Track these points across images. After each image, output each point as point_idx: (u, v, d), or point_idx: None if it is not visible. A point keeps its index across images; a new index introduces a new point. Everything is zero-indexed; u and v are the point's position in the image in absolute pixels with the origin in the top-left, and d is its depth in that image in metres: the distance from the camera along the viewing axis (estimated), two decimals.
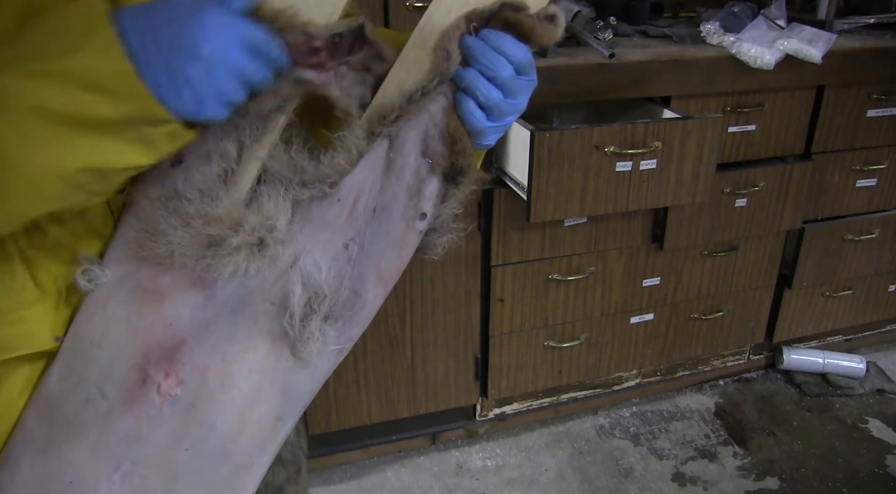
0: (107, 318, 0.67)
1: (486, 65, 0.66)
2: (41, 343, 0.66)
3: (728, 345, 2.13)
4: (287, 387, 0.71)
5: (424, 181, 0.71)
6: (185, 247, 0.65)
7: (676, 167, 1.57)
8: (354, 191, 0.70)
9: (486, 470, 1.90)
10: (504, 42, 0.66)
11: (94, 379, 0.66)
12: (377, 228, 0.71)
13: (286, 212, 0.68)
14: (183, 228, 0.64)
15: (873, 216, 2.08)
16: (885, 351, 2.40)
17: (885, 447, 1.99)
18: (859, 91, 1.88)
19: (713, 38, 1.74)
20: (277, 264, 0.68)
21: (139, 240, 0.66)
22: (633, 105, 1.76)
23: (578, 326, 1.88)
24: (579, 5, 1.78)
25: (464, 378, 1.86)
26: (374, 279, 0.72)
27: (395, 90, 0.70)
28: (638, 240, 1.83)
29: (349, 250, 0.70)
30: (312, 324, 0.68)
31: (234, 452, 0.70)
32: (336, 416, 1.78)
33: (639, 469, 1.90)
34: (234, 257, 0.66)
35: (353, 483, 1.85)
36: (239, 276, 0.67)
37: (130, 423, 0.67)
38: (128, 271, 0.67)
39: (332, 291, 0.70)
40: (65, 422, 0.67)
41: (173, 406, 0.67)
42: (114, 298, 0.67)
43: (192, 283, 0.67)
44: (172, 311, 0.67)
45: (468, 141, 0.69)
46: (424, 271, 1.70)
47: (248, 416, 0.70)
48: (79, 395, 0.67)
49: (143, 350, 0.67)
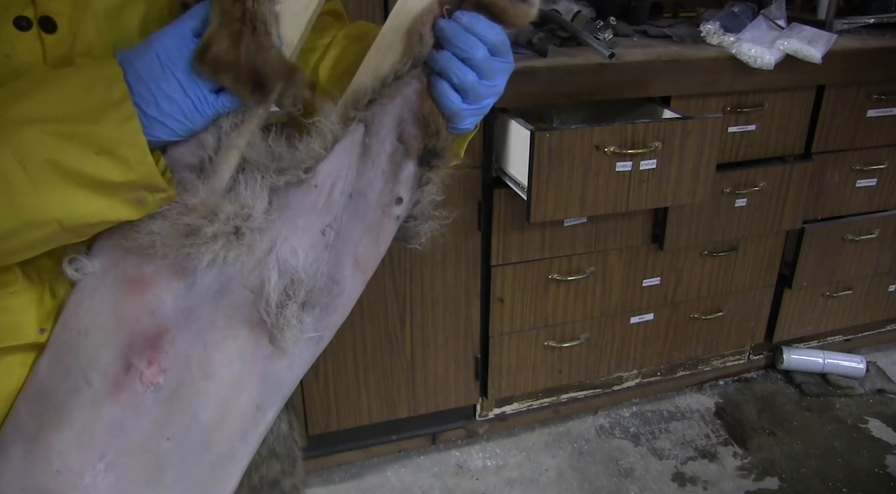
0: (94, 307, 0.68)
1: (459, 46, 0.66)
2: (27, 334, 0.67)
3: (728, 345, 2.13)
4: (266, 376, 0.71)
5: (400, 165, 0.71)
6: (165, 237, 0.65)
7: (676, 167, 1.57)
8: (331, 177, 0.70)
9: (486, 470, 1.90)
10: (477, 22, 0.66)
11: (80, 367, 0.67)
12: (354, 214, 0.71)
13: (263, 200, 0.69)
14: (161, 218, 0.65)
15: (873, 216, 2.08)
16: (885, 351, 2.40)
17: (885, 447, 1.99)
18: (859, 91, 1.88)
19: (713, 38, 1.74)
20: (255, 252, 0.69)
21: (123, 231, 0.67)
22: (633, 105, 1.76)
23: (578, 326, 1.88)
24: (579, 5, 1.78)
25: (464, 378, 1.86)
26: (351, 265, 0.72)
27: (369, 75, 0.70)
28: (638, 240, 1.83)
29: (326, 236, 0.71)
30: (289, 311, 0.68)
31: (216, 442, 0.71)
32: (336, 416, 1.78)
33: (639, 469, 1.90)
34: (212, 246, 0.66)
35: (353, 483, 1.85)
36: (218, 264, 0.68)
37: (115, 411, 0.67)
38: (113, 261, 0.68)
39: (308, 277, 0.70)
40: (53, 411, 0.67)
41: (156, 394, 0.68)
42: (100, 288, 0.68)
43: (174, 272, 0.68)
44: (155, 300, 0.68)
45: (442, 122, 0.69)
46: (424, 271, 1.70)
47: (229, 406, 0.70)
48: (66, 384, 0.67)
49: (127, 338, 0.68)
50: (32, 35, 0.62)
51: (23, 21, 0.62)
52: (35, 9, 0.62)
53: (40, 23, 0.62)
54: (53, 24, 0.63)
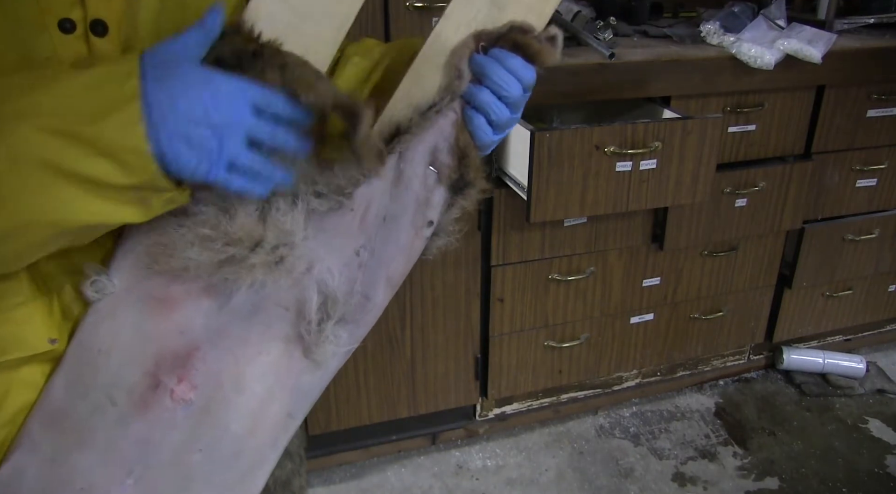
0: (115, 327, 0.66)
1: (499, 84, 0.69)
2: (35, 345, 0.65)
3: (728, 345, 2.13)
4: (298, 387, 0.72)
5: (432, 191, 0.73)
6: (202, 264, 0.64)
7: (676, 167, 1.57)
8: (366, 201, 0.71)
9: (486, 470, 1.90)
10: (516, 63, 0.69)
11: (102, 386, 0.66)
12: (387, 236, 0.73)
13: (301, 225, 0.68)
14: (200, 246, 0.64)
15: (873, 216, 2.08)
16: (885, 351, 2.40)
17: (885, 447, 1.99)
18: (859, 91, 1.88)
19: (713, 38, 1.74)
20: (293, 273, 0.69)
21: (152, 254, 0.65)
22: (633, 105, 1.76)
23: (578, 326, 1.88)
24: (579, 5, 1.78)
25: (464, 378, 1.86)
26: (383, 283, 0.74)
27: (405, 104, 0.71)
28: (638, 240, 1.83)
29: (360, 256, 0.72)
30: (327, 328, 0.70)
31: (246, 451, 0.71)
32: (336, 416, 1.78)
33: (639, 469, 1.90)
34: (253, 273, 0.65)
35: (353, 483, 1.85)
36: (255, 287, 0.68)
37: (143, 428, 0.67)
38: (136, 280, 0.67)
39: (344, 296, 0.71)
40: (73, 431, 0.66)
41: (187, 410, 0.67)
42: (122, 307, 0.66)
43: (204, 292, 0.67)
44: (184, 319, 0.67)
45: (477, 155, 0.72)
46: (424, 271, 1.70)
47: (260, 416, 0.71)
48: (87, 403, 0.66)
49: (154, 357, 0.66)
50: (77, 38, 0.61)
51: (67, 23, 0.61)
52: (84, 11, 0.61)
53: (91, 25, 0.61)
54: (105, 27, 0.62)
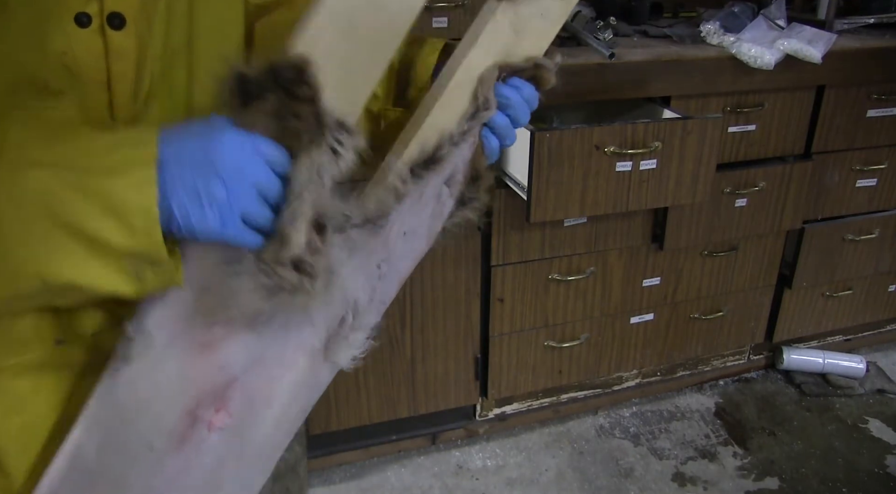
0: (156, 380, 0.65)
1: (517, 114, 0.75)
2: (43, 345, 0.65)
3: (728, 345, 2.13)
4: (317, 384, 0.77)
5: (445, 204, 0.77)
6: (262, 309, 0.63)
7: (676, 167, 1.57)
8: (392, 222, 0.74)
9: (486, 470, 1.90)
10: (532, 94, 0.76)
11: (140, 437, 0.66)
12: (405, 248, 0.77)
13: (346, 256, 0.67)
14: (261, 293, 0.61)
15: (873, 216, 2.08)
16: (885, 351, 2.40)
17: (885, 447, 1.99)
18: (859, 91, 1.88)
19: (713, 38, 1.74)
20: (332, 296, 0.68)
21: (206, 305, 0.64)
22: (633, 105, 1.76)
23: (578, 326, 1.88)
24: (579, 5, 1.78)
25: (464, 378, 1.86)
26: (398, 287, 0.80)
27: (434, 131, 0.74)
28: (638, 240, 1.83)
29: (381, 269, 0.75)
30: (351, 337, 0.73)
31: (268, 446, 0.75)
32: (336, 416, 1.78)
33: (639, 469, 1.90)
34: (298, 305, 0.63)
35: (353, 483, 1.85)
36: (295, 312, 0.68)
37: (179, 462, 0.68)
38: (180, 331, 0.65)
39: (365, 305, 0.74)
40: (106, 484, 0.67)
41: (221, 434, 0.69)
42: (164, 361, 0.65)
43: (245, 326, 0.67)
44: (225, 356, 0.67)
45: (490, 175, 0.78)
46: (424, 271, 1.70)
47: (284, 418, 0.75)
48: (124, 458, 0.66)
49: (195, 398, 0.67)
50: (93, 31, 0.61)
51: (83, 17, 0.60)
52: (101, 4, 0.61)
53: (108, 18, 0.61)
54: (122, 19, 0.62)
